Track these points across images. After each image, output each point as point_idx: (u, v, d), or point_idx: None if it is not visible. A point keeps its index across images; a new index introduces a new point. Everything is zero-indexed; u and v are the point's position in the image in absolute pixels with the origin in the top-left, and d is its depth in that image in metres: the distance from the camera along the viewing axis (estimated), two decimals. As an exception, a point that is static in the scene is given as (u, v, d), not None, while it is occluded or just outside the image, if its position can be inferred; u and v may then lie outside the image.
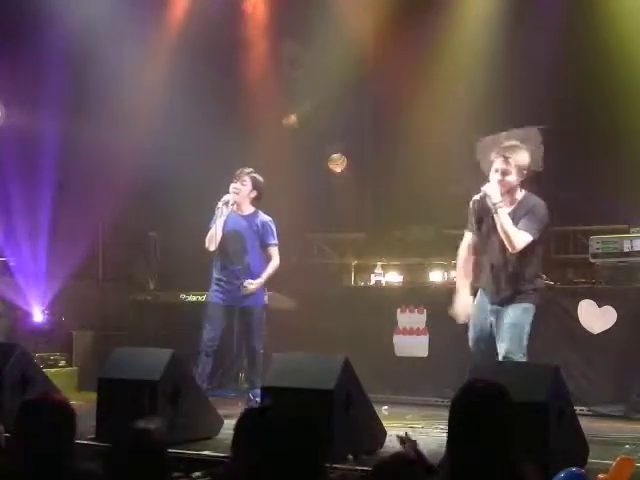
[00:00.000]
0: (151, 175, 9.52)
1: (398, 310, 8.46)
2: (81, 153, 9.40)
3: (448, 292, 8.49)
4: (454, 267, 8.92)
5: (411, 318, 8.39)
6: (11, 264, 9.27)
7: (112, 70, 9.22)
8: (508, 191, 5.89)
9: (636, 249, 7.76)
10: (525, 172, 5.91)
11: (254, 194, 7.64)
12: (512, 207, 5.91)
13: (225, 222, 7.52)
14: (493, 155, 5.95)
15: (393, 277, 9.16)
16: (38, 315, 9.30)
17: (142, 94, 9.52)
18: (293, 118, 10.56)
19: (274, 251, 7.62)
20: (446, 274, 8.99)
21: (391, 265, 9.25)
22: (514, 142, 6.10)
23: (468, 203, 6.04)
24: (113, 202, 9.54)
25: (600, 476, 4.14)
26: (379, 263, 9.16)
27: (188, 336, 8.34)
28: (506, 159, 5.87)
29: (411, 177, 9.59)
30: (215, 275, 7.64)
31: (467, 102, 9.09)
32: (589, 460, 5.08)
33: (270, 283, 7.93)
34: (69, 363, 9.16)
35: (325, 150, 10.67)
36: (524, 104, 8.78)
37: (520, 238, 5.75)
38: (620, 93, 8.50)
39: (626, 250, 7.73)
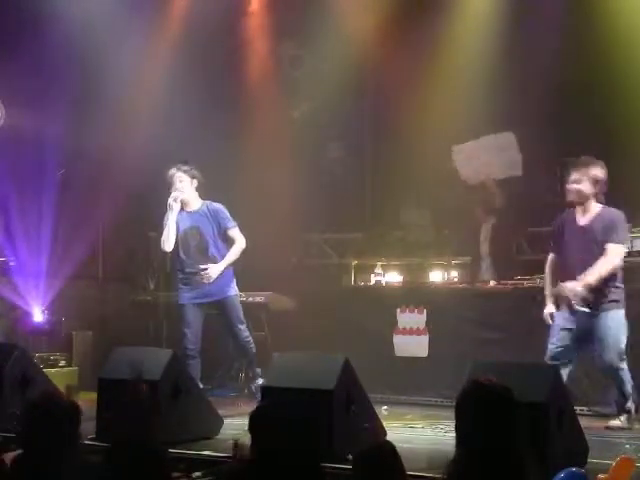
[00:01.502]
0: (151, 175, 9.51)
1: (398, 310, 8.45)
2: (81, 153, 9.41)
3: (448, 292, 8.55)
4: (454, 267, 9.00)
5: (411, 318, 8.38)
6: (11, 264, 9.27)
7: (113, 70, 9.23)
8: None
9: (636, 249, 7.75)
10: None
11: (195, 183, 7.64)
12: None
13: (177, 223, 7.54)
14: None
15: (393, 277, 9.15)
16: (38, 315, 9.30)
17: (142, 94, 9.53)
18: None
19: (235, 232, 7.62)
20: (446, 274, 8.99)
21: (391, 265, 9.24)
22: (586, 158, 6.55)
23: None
24: (113, 202, 9.54)
25: (600, 476, 4.15)
26: (379, 263, 9.16)
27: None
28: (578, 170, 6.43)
29: (411, 177, 9.59)
30: (180, 276, 7.64)
31: (467, 102, 9.08)
32: (589, 460, 5.07)
33: (268, 282, 7.92)
34: (69, 363, 9.15)
35: (325, 150, 10.67)
36: (524, 104, 8.78)
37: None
38: (620, 93, 8.50)
39: (626, 250, 7.72)
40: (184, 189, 7.58)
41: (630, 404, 6.58)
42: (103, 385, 6.16)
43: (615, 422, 6.58)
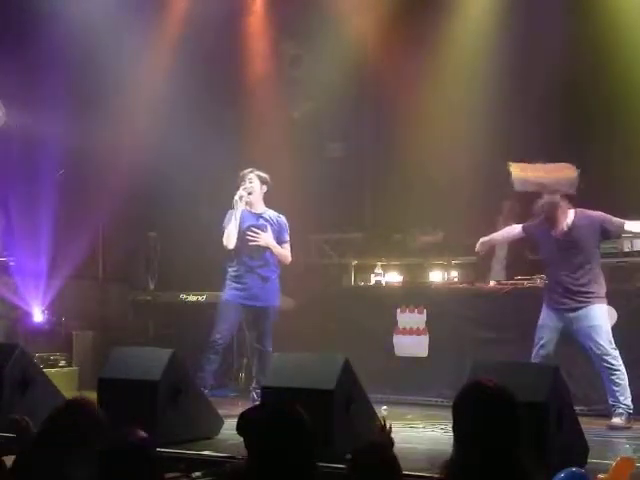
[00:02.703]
0: (151, 175, 9.52)
1: (398, 310, 8.45)
2: (81, 153, 9.40)
3: (448, 292, 8.55)
4: (454, 267, 8.99)
5: (411, 318, 8.39)
6: (11, 264, 9.27)
7: (112, 70, 9.23)
8: None
9: (636, 249, 7.77)
10: None
11: (265, 189, 7.66)
12: None
13: (240, 220, 7.53)
14: None
15: (393, 277, 9.15)
16: (38, 315, 9.30)
17: (142, 94, 9.52)
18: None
19: (287, 247, 7.65)
20: (446, 274, 8.99)
21: (391, 265, 9.24)
22: None
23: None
24: (113, 202, 9.55)
25: (600, 476, 4.15)
26: (379, 263, 9.16)
27: (188, 336, 8.35)
28: None
29: (411, 177, 9.59)
30: (232, 272, 7.59)
31: (467, 102, 9.08)
32: (589, 460, 5.07)
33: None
34: (69, 363, 9.16)
35: (325, 150, 10.67)
36: (524, 104, 8.78)
37: None
38: (621, 93, 8.50)
39: (626, 250, 7.74)
40: (253, 190, 7.56)
41: (627, 400, 6.62)
42: (103, 385, 6.15)
43: (616, 421, 6.60)
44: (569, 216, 6.89)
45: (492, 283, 8.32)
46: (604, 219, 6.87)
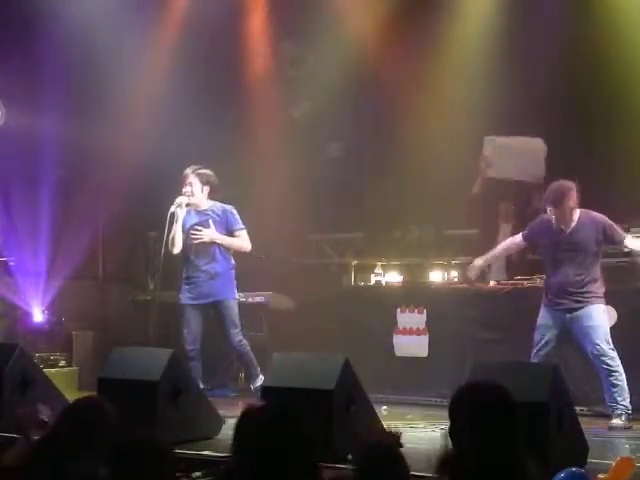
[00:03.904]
0: (151, 175, 9.52)
1: (398, 310, 8.45)
2: (81, 153, 9.41)
3: (448, 292, 8.55)
4: (454, 267, 8.99)
5: (411, 318, 8.38)
6: (11, 264, 9.27)
7: (112, 70, 9.23)
8: None
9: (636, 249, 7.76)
10: None
11: (207, 189, 7.55)
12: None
13: (184, 221, 7.48)
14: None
15: (393, 277, 9.14)
16: (38, 315, 9.30)
17: (142, 94, 9.53)
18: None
19: (242, 234, 7.53)
20: (446, 274, 8.98)
21: (391, 265, 9.24)
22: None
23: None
24: (113, 202, 9.55)
25: (600, 476, 4.15)
26: (379, 263, 9.15)
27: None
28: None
29: (411, 177, 9.58)
30: (184, 275, 7.61)
31: (467, 101, 9.08)
32: (589, 460, 5.07)
33: (268, 282, 7.91)
34: (69, 363, 9.16)
35: (325, 150, 10.66)
36: (524, 104, 8.78)
37: None
38: (620, 93, 8.49)
39: (626, 250, 7.73)
40: (193, 193, 7.51)
41: (626, 401, 6.62)
42: (103, 385, 6.15)
43: (616, 422, 6.60)
44: (575, 214, 6.87)
45: (492, 283, 8.32)
46: (609, 225, 6.83)
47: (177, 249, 7.48)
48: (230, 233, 7.53)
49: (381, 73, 9.91)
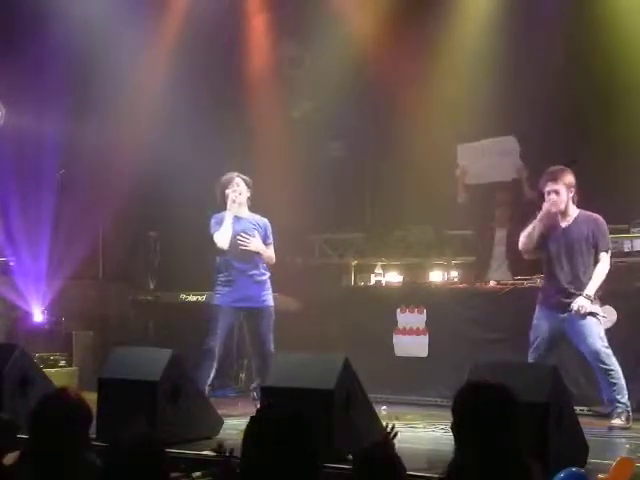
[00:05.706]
0: (151, 175, 9.53)
1: (398, 310, 8.45)
2: (81, 153, 9.41)
3: (448, 292, 8.55)
4: (454, 267, 9.00)
5: (411, 318, 8.38)
6: (11, 264, 9.27)
7: (113, 70, 9.23)
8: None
9: (636, 249, 7.77)
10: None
11: (249, 193, 7.69)
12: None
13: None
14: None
15: (393, 277, 9.15)
16: (38, 315, 9.30)
17: (142, 94, 9.53)
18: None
19: (271, 248, 7.66)
20: (446, 274, 8.99)
21: (391, 265, 9.24)
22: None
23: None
24: (113, 202, 9.56)
25: (600, 476, 4.15)
26: (379, 263, 9.16)
27: (188, 336, 8.34)
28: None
29: (411, 177, 9.59)
30: (222, 278, 7.58)
31: (467, 101, 9.08)
32: (589, 460, 5.07)
33: (271, 283, 7.90)
34: (69, 363, 9.16)
35: (325, 150, 10.67)
36: (524, 104, 8.78)
37: None
38: (620, 93, 8.50)
39: (626, 250, 7.74)
40: (241, 194, 7.60)
41: (625, 398, 6.62)
42: (103, 385, 6.15)
43: (616, 421, 6.59)
44: (574, 211, 6.87)
45: (492, 283, 8.32)
46: (599, 229, 6.79)
47: (227, 244, 7.51)
48: (264, 245, 7.65)
49: (381, 73, 9.91)
